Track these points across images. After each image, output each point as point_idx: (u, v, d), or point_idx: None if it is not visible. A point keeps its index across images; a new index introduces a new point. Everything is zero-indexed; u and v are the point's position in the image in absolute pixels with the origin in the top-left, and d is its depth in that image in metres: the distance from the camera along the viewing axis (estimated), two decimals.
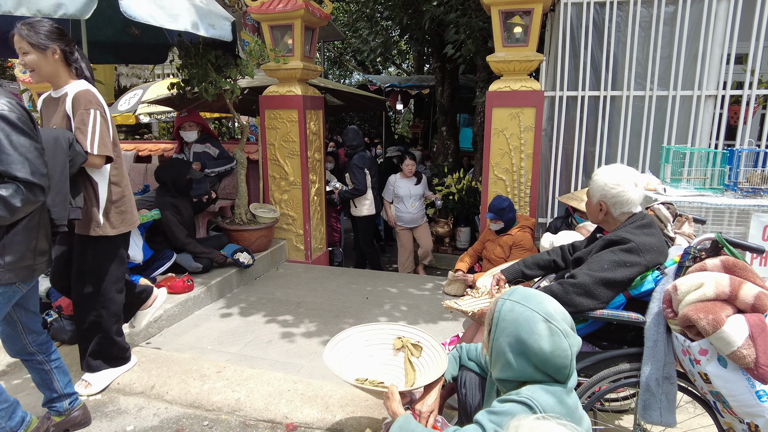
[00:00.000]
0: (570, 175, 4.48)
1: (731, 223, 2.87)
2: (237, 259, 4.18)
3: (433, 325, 3.49)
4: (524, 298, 1.36)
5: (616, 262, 1.80)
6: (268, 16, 4.65)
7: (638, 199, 1.93)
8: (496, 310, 1.39)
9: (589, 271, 1.82)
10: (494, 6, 4.05)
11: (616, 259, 1.81)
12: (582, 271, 1.84)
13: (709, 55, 4.01)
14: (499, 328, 1.36)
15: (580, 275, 1.83)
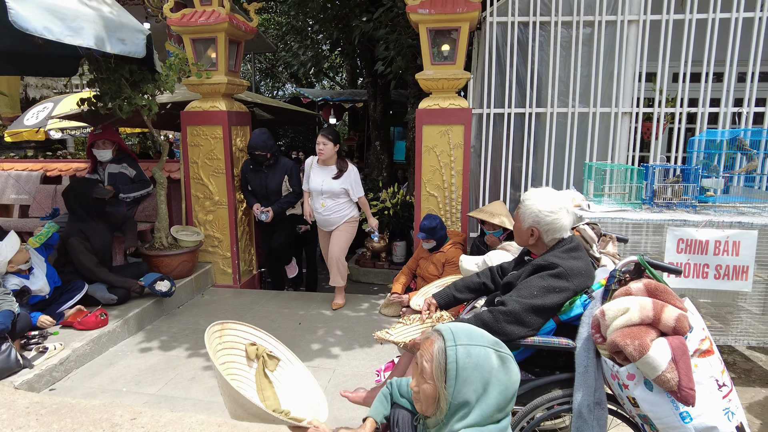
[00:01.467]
0: (498, 190, 4.55)
1: (648, 237, 3.00)
2: (155, 288, 3.87)
3: (369, 350, 3.39)
4: (470, 337, 1.28)
5: (545, 288, 1.79)
6: (189, 29, 4.42)
7: (570, 225, 1.95)
8: (449, 361, 1.23)
9: (519, 297, 1.80)
10: (422, 24, 4.07)
11: (545, 284, 1.80)
12: (512, 298, 1.82)
13: (623, 74, 4.23)
14: (461, 379, 1.22)
15: (509, 302, 1.80)
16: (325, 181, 4.15)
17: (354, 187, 4.19)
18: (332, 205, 4.19)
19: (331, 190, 4.14)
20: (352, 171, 4.22)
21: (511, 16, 4.27)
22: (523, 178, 4.47)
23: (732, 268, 2.76)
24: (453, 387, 1.22)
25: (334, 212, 4.20)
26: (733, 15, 4.05)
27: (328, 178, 4.14)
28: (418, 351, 2.01)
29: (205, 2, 4.44)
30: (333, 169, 4.17)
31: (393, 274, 5.92)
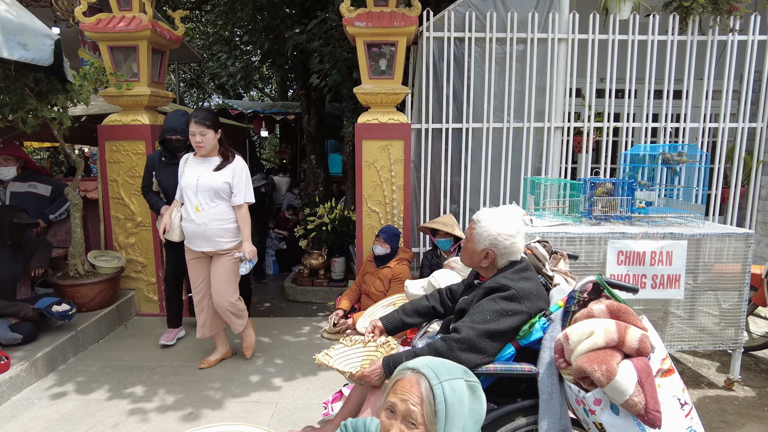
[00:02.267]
0: (438, 204, 4.53)
1: (588, 248, 3.06)
2: (52, 311, 3.37)
3: (313, 378, 3.20)
4: (448, 371, 1.18)
5: (497, 312, 1.74)
6: (106, 36, 4.06)
7: (523, 248, 1.91)
8: (438, 401, 1.12)
9: (472, 323, 1.74)
10: (359, 37, 3.99)
11: (497, 308, 1.74)
12: (465, 325, 1.75)
13: (554, 90, 4.36)
14: (450, 417, 1.12)
15: (463, 329, 1.73)
16: (202, 175, 3.10)
17: (239, 186, 3.11)
18: (211, 210, 3.09)
19: (211, 186, 3.07)
20: (239, 164, 3.16)
21: (447, 32, 4.29)
22: (461, 192, 4.48)
23: (666, 277, 2.87)
24: (443, 428, 1.13)
25: (212, 221, 3.08)
26: (649, 37, 4.31)
27: (207, 171, 3.11)
28: (374, 387, 1.88)
29: (123, 7, 4.10)
30: (215, 161, 3.16)
31: (332, 291, 5.74)
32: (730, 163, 4.59)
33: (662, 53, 4.36)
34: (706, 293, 3.17)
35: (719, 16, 4.26)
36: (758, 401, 3.02)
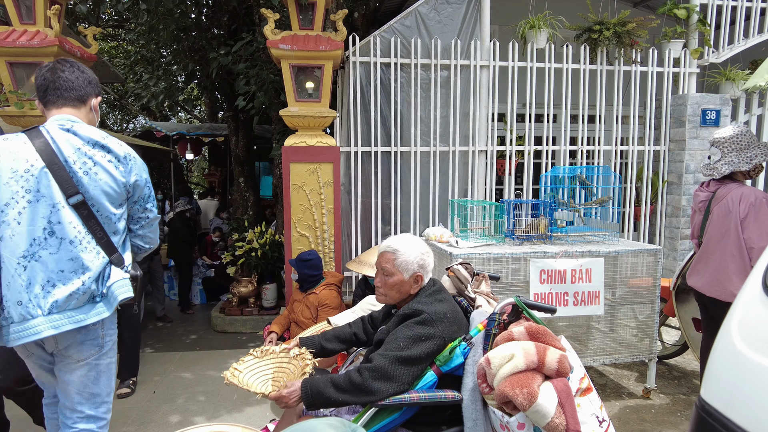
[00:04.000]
0: (370, 227, 4.52)
1: (512, 268, 3.13)
2: None
3: (239, 415, 3.02)
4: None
5: (411, 338, 1.71)
6: (6, 50, 3.74)
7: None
8: None
9: (385, 351, 1.70)
10: (284, 60, 3.94)
11: (410, 334, 1.72)
12: (378, 354, 1.72)
13: (478, 114, 4.51)
14: None
15: (376, 358, 1.70)
16: None
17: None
18: None
19: None
20: None
21: (373, 57, 4.34)
22: (392, 214, 4.49)
23: (587, 294, 2.98)
24: None
25: None
26: (564, 65, 4.58)
27: None
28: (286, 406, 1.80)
29: (26, 20, 3.81)
30: None
31: (263, 320, 5.52)
32: (640, 182, 4.93)
33: (576, 80, 4.64)
34: (624, 307, 3.34)
35: (623, 48, 4.61)
36: (672, 407, 3.18)
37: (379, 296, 1.94)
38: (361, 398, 1.65)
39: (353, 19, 5.50)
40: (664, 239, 5.00)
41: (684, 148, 4.76)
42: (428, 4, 4.38)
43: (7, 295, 1.69)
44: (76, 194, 1.74)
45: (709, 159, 2.82)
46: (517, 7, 4.76)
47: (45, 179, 1.71)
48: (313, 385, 1.68)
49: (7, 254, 1.68)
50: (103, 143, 1.81)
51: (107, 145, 1.81)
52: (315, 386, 1.68)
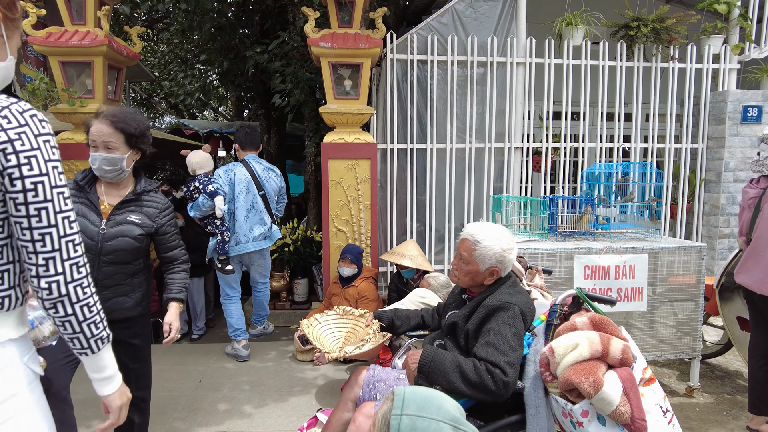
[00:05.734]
0: (404, 223, 4.56)
1: (558, 264, 3.14)
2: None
3: (284, 404, 3.09)
4: (422, 408, 1.11)
5: (517, 335, 1.71)
6: (58, 50, 3.89)
7: None
8: (391, 429, 1.07)
9: (502, 355, 1.65)
10: (324, 57, 4.00)
11: (516, 331, 1.72)
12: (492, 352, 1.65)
13: (514, 111, 4.51)
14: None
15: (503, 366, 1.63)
16: None
17: None
18: None
19: None
20: None
21: (410, 54, 4.38)
22: (427, 211, 4.53)
23: (630, 290, 2.98)
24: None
25: None
26: (600, 63, 4.56)
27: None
28: (363, 406, 1.84)
29: (77, 21, 3.95)
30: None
31: (295, 314, 5.61)
32: (677, 181, 4.87)
33: (612, 78, 4.61)
34: (664, 305, 3.31)
35: (660, 45, 4.56)
36: (717, 407, 3.15)
37: (452, 276, 1.98)
38: (479, 395, 1.63)
39: (385, 17, 5.55)
40: (702, 238, 4.94)
41: (723, 146, 4.69)
42: (464, 1, 4.40)
43: (239, 232, 3.74)
44: (262, 190, 3.83)
45: (758, 155, 2.79)
46: (553, 5, 4.74)
47: (251, 183, 3.79)
48: (439, 357, 1.68)
49: (239, 214, 3.73)
50: (273, 168, 4.00)
51: (275, 169, 4.00)
52: (440, 359, 1.68)
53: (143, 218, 2.07)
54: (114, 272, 2.01)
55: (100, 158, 1.96)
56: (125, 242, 2.01)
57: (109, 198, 2.06)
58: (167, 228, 2.16)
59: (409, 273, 3.70)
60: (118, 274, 2.03)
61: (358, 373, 2.13)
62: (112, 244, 1.98)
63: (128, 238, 2.01)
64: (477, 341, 1.74)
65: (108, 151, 1.97)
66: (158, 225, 2.11)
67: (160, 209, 2.14)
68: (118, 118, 1.98)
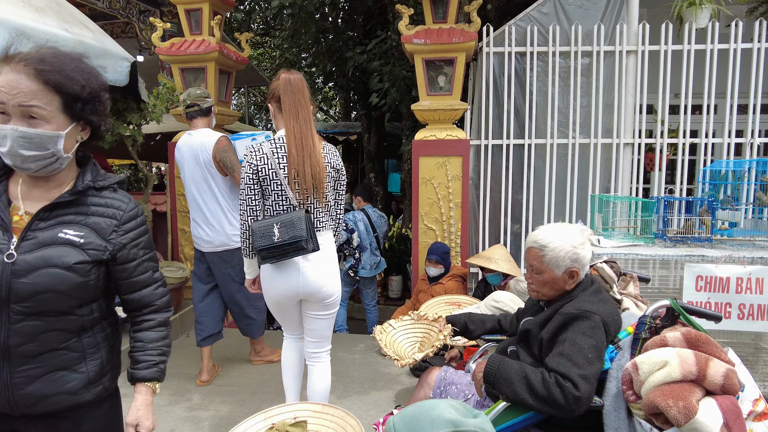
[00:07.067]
0: (498, 223, 4.39)
1: (664, 273, 2.82)
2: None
3: (366, 397, 3.13)
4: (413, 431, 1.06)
5: (596, 347, 1.55)
6: (178, 58, 4.31)
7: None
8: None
9: (575, 367, 1.50)
10: (417, 54, 3.98)
11: (594, 343, 1.55)
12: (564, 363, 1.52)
13: (623, 105, 4.13)
14: None
15: (564, 367, 1.50)
16: None
17: None
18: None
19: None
20: None
21: (507, 47, 4.20)
22: (523, 210, 4.31)
23: (757, 307, 2.57)
24: None
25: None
26: (731, 46, 4.00)
27: None
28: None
29: (194, 31, 4.34)
30: None
31: (389, 310, 5.67)
32: None
33: (746, 64, 4.03)
34: None
35: None
36: None
37: (531, 292, 1.83)
38: (546, 409, 1.51)
39: (485, 11, 5.38)
40: None
41: None
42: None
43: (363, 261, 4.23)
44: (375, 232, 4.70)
45: None
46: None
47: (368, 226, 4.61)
48: (505, 367, 1.60)
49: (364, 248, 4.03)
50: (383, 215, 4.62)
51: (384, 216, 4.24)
52: (506, 368, 1.59)
53: (88, 234, 1.25)
54: (39, 331, 1.21)
55: (14, 135, 1.14)
56: (53, 277, 1.19)
57: (29, 202, 1.26)
58: (134, 252, 1.34)
59: (495, 279, 3.54)
60: (47, 333, 1.22)
61: (430, 374, 2.08)
62: (30, 282, 1.17)
63: (58, 269, 1.19)
64: (551, 351, 1.60)
65: (29, 122, 1.16)
66: (116, 246, 1.29)
67: (121, 219, 1.31)
68: (48, 66, 1.16)
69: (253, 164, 2.15)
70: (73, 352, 1.27)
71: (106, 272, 1.32)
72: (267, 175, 2.15)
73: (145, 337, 1.41)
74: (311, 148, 2.13)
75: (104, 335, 1.35)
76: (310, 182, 2.13)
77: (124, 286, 1.36)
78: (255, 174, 2.16)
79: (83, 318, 1.28)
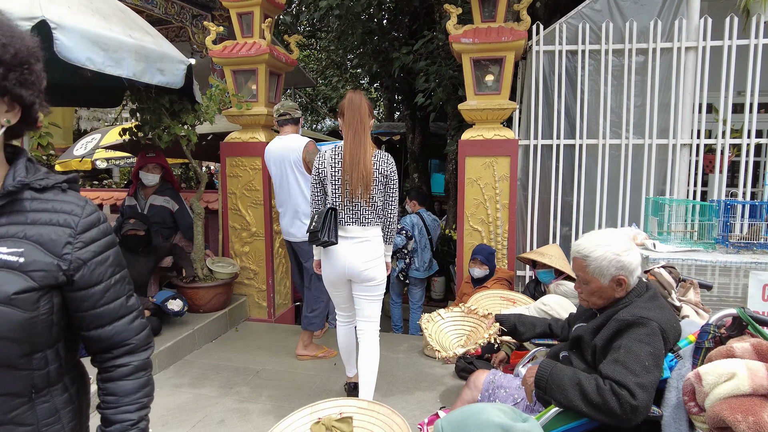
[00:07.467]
0: (547, 225, 4.29)
1: (720, 279, 2.69)
2: (167, 306, 3.75)
3: (410, 397, 3.14)
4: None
5: (653, 355, 1.50)
6: (230, 61, 4.44)
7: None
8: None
9: (632, 375, 1.45)
10: (465, 54, 3.95)
11: (652, 350, 1.50)
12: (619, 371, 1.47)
13: (681, 104, 3.96)
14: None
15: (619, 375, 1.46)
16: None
17: None
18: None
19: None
20: None
21: (558, 45, 4.11)
22: (573, 212, 4.20)
23: None
24: None
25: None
26: None
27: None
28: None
29: (246, 34, 4.47)
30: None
31: (431, 311, 5.65)
32: None
33: None
34: None
35: None
36: None
37: (582, 301, 1.79)
38: (601, 417, 1.46)
39: (534, 9, 5.28)
40: None
41: None
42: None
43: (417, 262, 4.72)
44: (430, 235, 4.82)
45: None
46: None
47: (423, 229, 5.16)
48: (557, 372, 1.57)
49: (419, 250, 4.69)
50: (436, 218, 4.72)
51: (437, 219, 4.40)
52: (558, 374, 1.56)
53: (30, 252, 0.92)
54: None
55: None
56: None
57: None
58: (99, 271, 1.00)
59: (546, 276, 3.46)
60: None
61: (478, 377, 2.06)
62: None
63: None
64: (605, 358, 1.56)
65: None
66: (73, 264, 0.96)
67: (78, 227, 0.97)
68: None
69: (317, 166, 2.64)
70: (22, 426, 0.90)
71: (62, 303, 0.96)
72: (326, 175, 2.60)
73: (118, 388, 1.02)
74: (362, 156, 2.52)
75: (66, 398, 0.99)
76: (356, 184, 2.51)
77: (88, 320, 0.99)
78: (318, 174, 2.64)
79: (34, 373, 0.91)
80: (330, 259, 2.63)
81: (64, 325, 0.99)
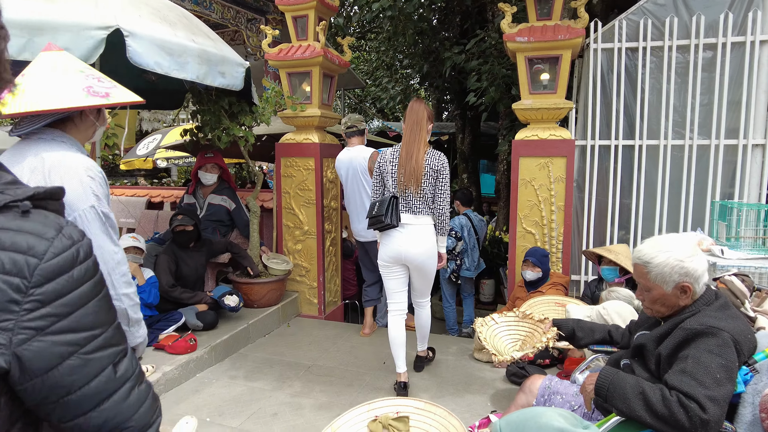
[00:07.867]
0: (604, 229, 4.16)
1: None
2: (224, 301, 3.89)
3: (459, 400, 3.11)
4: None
5: (725, 367, 1.42)
6: (286, 63, 4.55)
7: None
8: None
9: (701, 387, 1.38)
10: (520, 52, 3.88)
11: (723, 362, 1.42)
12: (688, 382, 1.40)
13: (753, 102, 3.74)
14: None
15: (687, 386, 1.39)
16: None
17: None
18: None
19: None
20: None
21: (618, 42, 3.97)
22: (632, 216, 4.05)
23: None
24: None
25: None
26: None
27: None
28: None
29: (301, 37, 4.57)
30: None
31: (480, 314, 5.57)
32: None
33: None
34: None
35: None
36: None
37: (645, 309, 1.73)
38: (667, 430, 1.40)
39: (591, 5, 5.12)
40: None
41: None
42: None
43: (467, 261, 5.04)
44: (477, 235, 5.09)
45: None
46: None
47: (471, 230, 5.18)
48: (619, 380, 1.52)
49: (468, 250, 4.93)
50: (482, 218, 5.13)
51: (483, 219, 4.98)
52: (620, 382, 1.51)
53: None
54: None
55: None
56: None
57: None
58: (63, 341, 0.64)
59: (611, 274, 3.32)
60: None
61: (534, 382, 2.03)
62: None
63: None
64: (670, 368, 1.49)
65: None
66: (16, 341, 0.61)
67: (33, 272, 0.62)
68: None
69: (379, 161, 3.09)
70: None
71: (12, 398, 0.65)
72: (385, 170, 3.05)
73: None
74: (415, 153, 2.95)
75: None
76: (409, 177, 2.93)
77: (61, 411, 0.67)
78: (379, 168, 3.10)
79: None
80: (387, 243, 3.03)
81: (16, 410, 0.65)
